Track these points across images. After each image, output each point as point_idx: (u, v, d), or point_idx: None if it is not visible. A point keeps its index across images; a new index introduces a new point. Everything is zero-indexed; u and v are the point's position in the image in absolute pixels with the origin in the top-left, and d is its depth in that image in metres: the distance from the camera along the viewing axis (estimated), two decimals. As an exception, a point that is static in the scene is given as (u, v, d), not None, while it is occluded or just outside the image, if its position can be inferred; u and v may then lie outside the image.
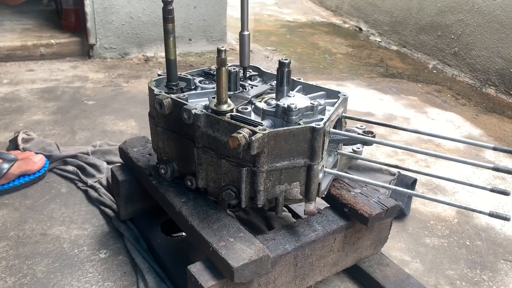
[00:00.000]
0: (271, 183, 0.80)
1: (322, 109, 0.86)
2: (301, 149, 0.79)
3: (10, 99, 1.89)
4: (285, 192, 0.82)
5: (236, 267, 0.73)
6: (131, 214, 1.13)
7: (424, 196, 0.81)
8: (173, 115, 0.87)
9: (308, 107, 0.83)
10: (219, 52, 0.78)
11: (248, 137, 0.74)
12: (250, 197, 0.82)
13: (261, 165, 0.77)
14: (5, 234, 1.11)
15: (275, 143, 0.77)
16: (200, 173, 0.86)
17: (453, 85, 2.49)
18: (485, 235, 1.27)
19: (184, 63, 2.44)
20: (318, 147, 0.78)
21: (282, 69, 0.87)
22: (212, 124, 0.81)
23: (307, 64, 2.65)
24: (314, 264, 0.91)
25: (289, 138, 0.77)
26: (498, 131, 1.96)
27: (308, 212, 0.85)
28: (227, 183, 0.83)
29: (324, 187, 0.87)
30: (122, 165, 1.12)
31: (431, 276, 1.10)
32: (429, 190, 1.46)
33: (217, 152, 0.82)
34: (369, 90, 2.31)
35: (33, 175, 1.31)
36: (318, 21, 3.75)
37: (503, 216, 0.71)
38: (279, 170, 0.79)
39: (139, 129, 1.68)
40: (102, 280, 1.00)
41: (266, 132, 0.75)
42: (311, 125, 0.77)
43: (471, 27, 2.53)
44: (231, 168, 0.81)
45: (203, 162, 0.85)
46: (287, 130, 0.77)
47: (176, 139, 0.90)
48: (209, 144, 0.82)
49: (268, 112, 0.84)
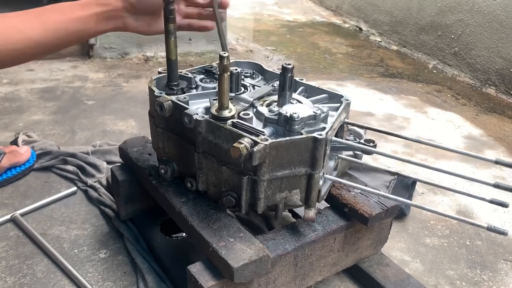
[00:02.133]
0: (272, 191, 0.80)
1: (324, 116, 0.85)
2: (303, 159, 0.78)
3: (10, 99, 1.89)
4: (285, 199, 0.82)
5: (236, 267, 0.73)
6: (131, 214, 1.13)
7: (421, 206, 0.80)
8: (173, 118, 0.86)
9: (311, 116, 0.82)
10: (221, 59, 0.77)
11: (250, 147, 0.73)
12: (250, 203, 0.81)
13: (262, 174, 0.77)
14: (5, 234, 1.11)
15: (276, 153, 0.76)
16: (200, 177, 0.86)
17: (453, 85, 2.49)
18: (485, 235, 1.27)
19: (184, 63, 2.44)
20: (319, 156, 0.78)
21: (285, 74, 0.86)
22: (213, 130, 0.80)
23: (307, 64, 2.65)
24: (314, 264, 0.91)
25: (290, 148, 0.77)
26: (498, 131, 1.96)
27: (307, 219, 0.85)
28: (227, 189, 0.82)
29: (324, 192, 0.87)
30: (122, 165, 1.12)
31: (431, 276, 1.10)
32: (429, 190, 1.46)
33: (218, 159, 0.81)
34: (369, 90, 2.31)
35: (23, 166, 1.33)
36: (318, 21, 3.75)
37: (501, 230, 0.71)
38: (280, 178, 0.79)
39: (139, 129, 1.68)
40: (102, 280, 1.00)
41: (268, 143, 0.74)
42: (313, 135, 0.77)
43: (471, 27, 2.53)
44: (232, 175, 0.80)
45: (204, 167, 0.84)
46: (289, 141, 0.76)
47: (177, 141, 0.89)
48: (210, 150, 0.82)
49: (270, 119, 0.83)
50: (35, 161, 1.38)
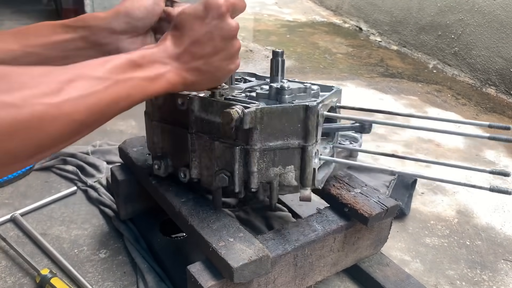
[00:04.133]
0: (265, 164, 0.79)
1: (315, 93, 0.86)
2: (295, 129, 0.78)
3: (10, 99, 1.89)
4: (280, 177, 0.81)
5: (236, 267, 0.73)
6: (131, 214, 1.13)
7: (425, 176, 0.80)
8: (167, 105, 0.88)
9: (301, 88, 0.84)
10: None
11: (241, 111, 0.73)
12: (243, 180, 0.81)
13: (254, 142, 0.77)
14: (5, 234, 1.11)
15: (268, 120, 0.76)
16: (193, 161, 0.85)
17: (453, 85, 2.49)
18: (485, 235, 1.27)
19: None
20: (312, 127, 0.78)
21: (276, 58, 0.88)
22: (206, 107, 0.81)
23: (307, 63, 2.65)
24: (314, 264, 0.91)
25: (282, 116, 0.77)
26: (498, 131, 1.96)
27: (303, 198, 0.84)
28: (220, 168, 0.82)
29: (321, 178, 0.87)
30: (121, 165, 1.12)
31: (431, 276, 1.10)
32: (429, 190, 1.46)
33: (211, 135, 0.81)
34: (369, 90, 2.31)
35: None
36: (318, 20, 3.75)
37: (503, 190, 0.70)
38: (273, 150, 0.79)
39: (139, 129, 1.68)
40: (102, 280, 1.00)
41: (260, 107, 0.75)
42: (304, 103, 0.78)
43: (471, 27, 2.53)
44: (224, 150, 0.80)
45: (197, 149, 0.84)
46: (280, 107, 0.77)
47: (171, 131, 0.90)
48: (202, 128, 0.82)
49: (261, 95, 0.84)
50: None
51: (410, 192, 1.35)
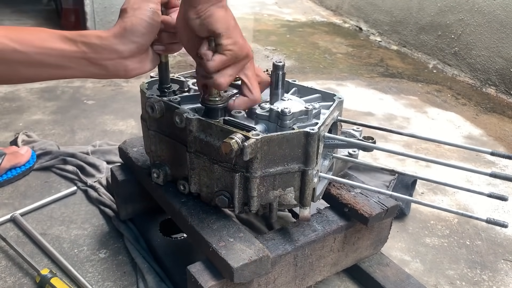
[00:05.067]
0: (265, 188, 0.79)
1: (317, 113, 0.84)
2: (295, 154, 0.78)
3: (10, 98, 1.89)
4: (279, 197, 0.81)
5: (236, 267, 0.73)
6: (131, 214, 1.13)
7: (421, 202, 0.80)
8: (165, 119, 0.86)
9: (303, 111, 0.81)
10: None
11: (241, 142, 0.72)
12: (243, 202, 0.81)
13: (254, 170, 0.76)
14: (5, 233, 1.11)
15: (268, 148, 0.75)
16: (192, 178, 0.85)
17: (453, 85, 2.49)
18: (485, 235, 1.27)
19: (184, 62, 2.44)
20: (312, 152, 0.77)
21: (276, 72, 0.85)
22: (205, 128, 0.80)
23: (307, 63, 2.65)
24: (314, 264, 0.91)
25: (282, 143, 0.76)
26: (498, 131, 1.96)
27: (302, 218, 0.84)
28: (220, 189, 0.82)
29: (319, 192, 0.86)
30: (121, 165, 1.12)
31: (431, 276, 1.10)
32: (429, 190, 1.46)
33: (210, 157, 0.81)
34: (369, 90, 2.31)
35: (23, 166, 1.34)
36: (318, 20, 3.75)
37: (500, 223, 0.70)
38: (273, 175, 0.78)
39: (139, 129, 1.68)
40: (102, 280, 1.00)
41: (259, 138, 0.73)
42: (305, 130, 0.76)
43: (471, 27, 2.53)
44: (224, 173, 0.80)
45: (196, 167, 0.84)
46: (280, 135, 0.76)
47: (169, 143, 0.88)
48: (201, 149, 0.81)
49: (261, 116, 0.82)
50: (35, 161, 1.38)
51: (410, 192, 1.35)
